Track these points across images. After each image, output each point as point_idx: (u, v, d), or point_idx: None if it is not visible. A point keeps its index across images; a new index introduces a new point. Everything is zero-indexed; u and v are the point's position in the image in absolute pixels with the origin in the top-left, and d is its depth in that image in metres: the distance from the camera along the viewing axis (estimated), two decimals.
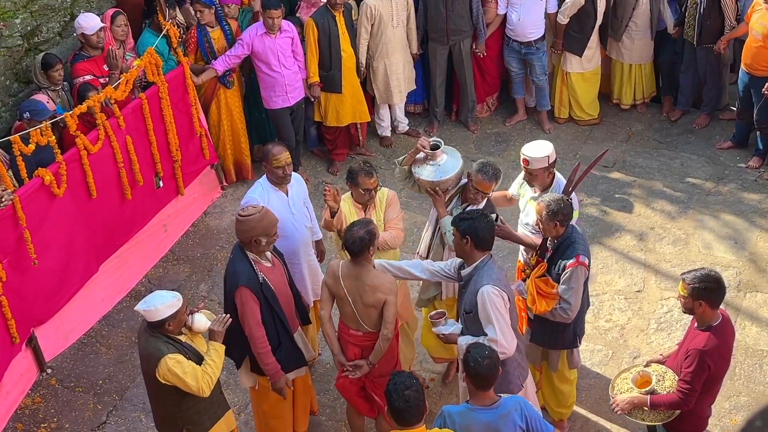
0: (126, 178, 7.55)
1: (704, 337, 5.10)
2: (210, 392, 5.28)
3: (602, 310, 7.48)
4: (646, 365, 5.54)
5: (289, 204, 6.41)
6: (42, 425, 6.84)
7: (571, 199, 5.84)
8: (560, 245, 5.72)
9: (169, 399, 5.35)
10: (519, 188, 6.53)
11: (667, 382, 5.30)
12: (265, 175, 6.42)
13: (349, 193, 6.33)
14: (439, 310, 5.71)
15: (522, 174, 6.41)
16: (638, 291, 7.65)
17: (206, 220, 8.87)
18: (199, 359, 5.28)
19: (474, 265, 5.33)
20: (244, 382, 6.17)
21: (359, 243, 5.50)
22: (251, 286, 5.55)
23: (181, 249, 8.51)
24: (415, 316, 6.86)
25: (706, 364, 5.06)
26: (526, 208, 6.37)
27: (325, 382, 7.01)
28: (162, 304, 5.16)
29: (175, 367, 5.13)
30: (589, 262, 5.77)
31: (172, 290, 7.76)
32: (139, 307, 5.21)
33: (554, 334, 5.97)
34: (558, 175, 6.27)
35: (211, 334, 5.39)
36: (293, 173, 6.48)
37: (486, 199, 6.14)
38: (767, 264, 7.81)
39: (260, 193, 6.31)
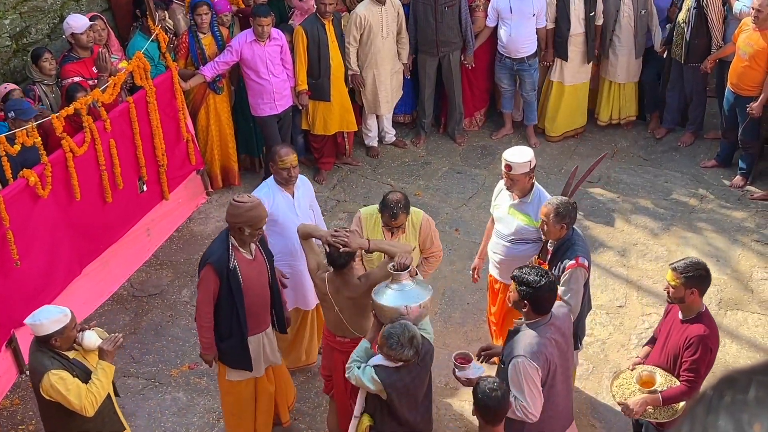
0: (108, 182, 7.50)
1: (700, 324, 5.24)
2: (93, 412, 5.19)
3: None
4: (632, 369, 5.57)
5: (294, 206, 6.47)
6: (20, 427, 6.79)
7: (575, 202, 5.86)
8: (560, 247, 5.75)
9: (56, 416, 5.28)
10: (494, 200, 6.54)
11: (660, 379, 5.36)
12: (272, 176, 6.49)
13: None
14: (463, 352, 5.37)
15: (497, 191, 6.43)
16: (620, 306, 7.68)
17: (190, 225, 8.84)
18: (87, 377, 5.20)
19: (527, 322, 5.08)
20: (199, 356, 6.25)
21: (345, 254, 5.49)
22: (217, 266, 5.61)
23: (164, 254, 8.48)
24: None
25: (708, 348, 5.21)
26: (505, 219, 6.34)
27: (306, 390, 6.99)
28: (48, 319, 5.09)
29: (57, 383, 5.05)
30: (589, 264, 5.77)
31: (154, 295, 7.91)
32: (27, 320, 5.16)
33: None
34: (537, 184, 6.30)
35: (101, 353, 5.28)
36: (301, 176, 6.57)
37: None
38: (749, 282, 7.86)
39: (266, 193, 6.39)
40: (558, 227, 5.66)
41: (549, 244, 5.87)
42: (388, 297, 5.22)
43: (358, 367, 5.13)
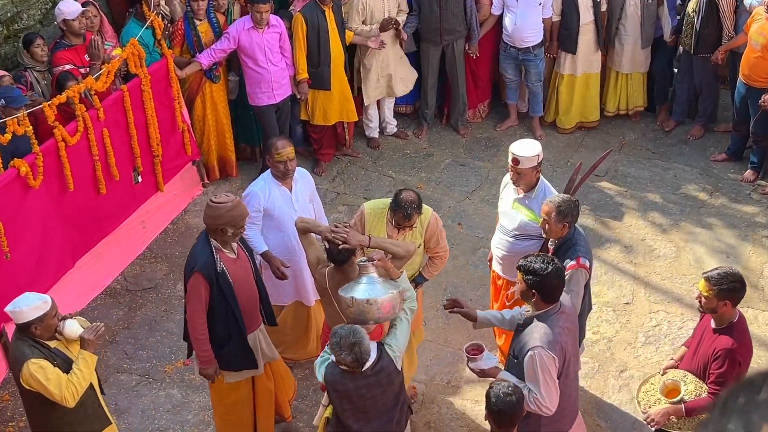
0: (101, 172, 7.36)
1: (729, 336, 5.02)
2: (74, 402, 5.10)
3: (590, 321, 7.29)
4: (663, 373, 5.40)
5: (291, 200, 6.32)
6: (10, 423, 6.68)
7: (577, 200, 5.71)
8: (561, 246, 5.61)
9: (38, 407, 5.19)
10: (501, 194, 6.39)
11: (690, 386, 5.16)
12: (269, 169, 6.31)
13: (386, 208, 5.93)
14: (475, 342, 5.26)
15: (503, 184, 6.29)
16: (627, 303, 7.51)
17: (186, 217, 8.70)
18: (69, 367, 5.12)
19: (537, 313, 4.91)
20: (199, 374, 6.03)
21: (345, 251, 5.36)
22: (205, 272, 5.43)
23: (159, 247, 8.35)
24: (422, 328, 6.74)
25: (736, 362, 4.99)
26: (509, 213, 6.20)
27: (304, 388, 6.86)
28: (27, 306, 5.02)
29: (37, 372, 4.96)
30: (590, 265, 5.63)
31: (149, 289, 7.77)
32: (7, 308, 5.09)
33: None
34: (543, 178, 6.15)
35: (82, 343, 5.19)
36: (300, 169, 6.39)
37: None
38: (759, 279, 7.69)
39: (261, 187, 6.26)
40: (560, 226, 5.53)
41: (550, 242, 5.74)
42: (348, 287, 4.98)
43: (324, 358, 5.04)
